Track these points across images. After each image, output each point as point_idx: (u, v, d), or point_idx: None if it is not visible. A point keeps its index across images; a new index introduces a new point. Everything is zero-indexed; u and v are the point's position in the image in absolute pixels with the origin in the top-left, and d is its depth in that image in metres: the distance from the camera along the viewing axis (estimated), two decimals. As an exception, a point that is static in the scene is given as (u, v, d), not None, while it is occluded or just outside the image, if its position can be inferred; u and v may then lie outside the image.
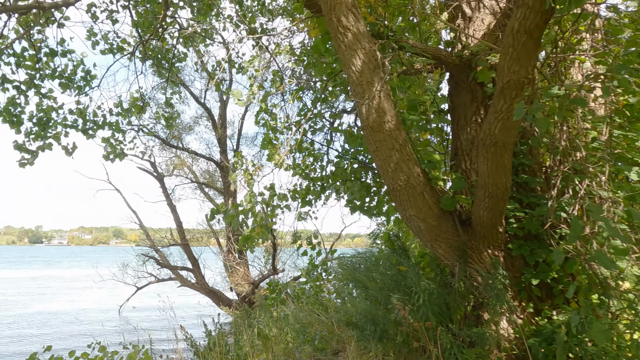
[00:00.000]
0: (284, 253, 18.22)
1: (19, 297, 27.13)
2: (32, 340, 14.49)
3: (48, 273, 47.91)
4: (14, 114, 4.71)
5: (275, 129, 4.92)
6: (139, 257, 18.57)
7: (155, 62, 5.86)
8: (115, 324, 17.88)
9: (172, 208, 17.20)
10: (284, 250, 18.14)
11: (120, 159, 5.84)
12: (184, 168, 20.12)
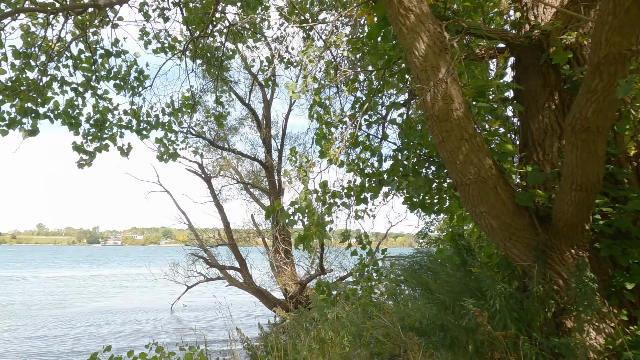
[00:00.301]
0: (329, 253, 18.06)
1: (77, 295, 28.66)
2: (90, 338, 15.12)
3: (104, 272, 50.50)
4: (72, 116, 4.78)
5: (329, 123, 4.70)
6: (189, 256, 19.04)
7: (204, 61, 5.82)
8: (168, 322, 18.40)
9: (220, 208, 17.47)
10: (329, 250, 17.98)
11: (173, 159, 5.83)
12: (229, 169, 20.40)
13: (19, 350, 12.46)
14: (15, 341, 13.90)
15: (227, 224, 17.54)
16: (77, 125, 4.87)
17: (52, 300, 24.74)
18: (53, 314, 20.23)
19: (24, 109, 4.32)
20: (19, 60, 4.28)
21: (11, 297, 26.35)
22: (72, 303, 24.02)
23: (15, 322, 18.27)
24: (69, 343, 13.57)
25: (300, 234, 4.22)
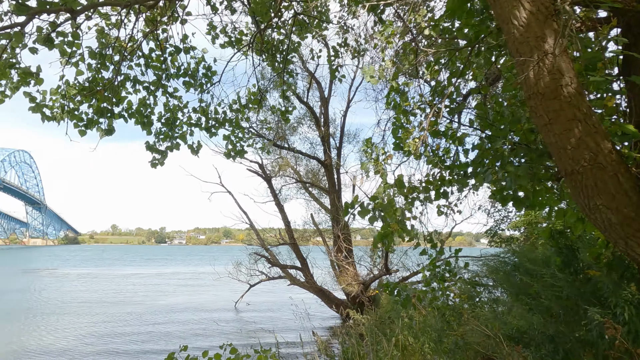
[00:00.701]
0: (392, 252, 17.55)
1: (147, 292, 30.21)
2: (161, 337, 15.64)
3: (171, 270, 53.12)
4: (145, 115, 4.78)
5: (406, 112, 4.31)
6: (251, 256, 19.35)
7: (269, 55, 5.65)
8: (233, 321, 18.76)
9: (280, 208, 17.54)
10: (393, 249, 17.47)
11: (240, 157, 5.73)
12: (287, 168, 20.47)
13: (92, 348, 13.08)
14: (91, 338, 14.70)
15: (288, 223, 17.58)
16: (150, 125, 4.88)
17: (123, 298, 26.25)
18: (125, 311, 21.37)
19: (100, 109, 4.37)
20: (94, 60, 4.35)
21: (87, 294, 28.31)
22: (142, 300, 25.32)
23: (90, 318, 19.48)
24: (141, 342, 14.10)
25: (380, 232, 3.88)
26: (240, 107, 5.58)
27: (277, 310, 21.58)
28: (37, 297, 25.82)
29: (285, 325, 17.20)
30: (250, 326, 17.09)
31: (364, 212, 3.80)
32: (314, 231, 19.27)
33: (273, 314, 20.28)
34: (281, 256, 19.54)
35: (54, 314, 19.63)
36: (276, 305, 22.93)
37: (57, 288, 31.29)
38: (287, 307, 22.48)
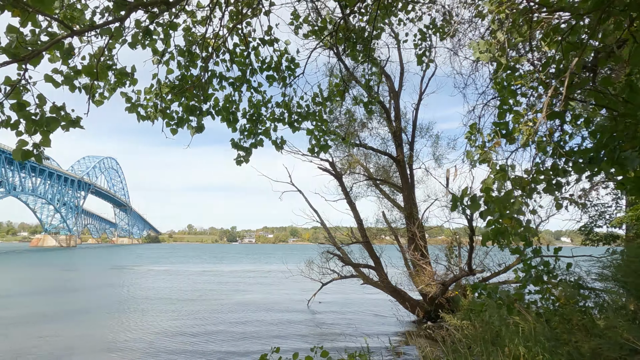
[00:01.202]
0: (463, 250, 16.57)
1: (221, 288, 31.40)
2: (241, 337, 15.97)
3: (243, 268, 55.05)
4: (231, 112, 4.71)
5: (514, 92, 3.79)
6: (323, 254, 19.31)
7: (350, 43, 5.36)
8: (310, 321, 18.78)
9: (352, 206, 17.26)
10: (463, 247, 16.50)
11: (324, 151, 5.50)
12: (357, 166, 20.12)
13: (172, 347, 13.47)
14: (175, 336, 15.32)
15: (360, 221, 17.25)
16: (235, 122, 4.80)
17: (200, 295, 27.45)
18: (203, 308, 22.28)
19: (189, 107, 4.36)
20: (183, 58, 4.35)
21: (168, 290, 30.01)
22: (218, 297, 26.31)
23: (171, 315, 20.49)
24: (221, 341, 14.34)
25: (494, 228, 3.42)
26: (322, 100, 5.35)
27: (350, 309, 21.34)
28: (124, 292, 27.89)
29: (362, 326, 16.87)
30: (327, 327, 16.96)
31: (474, 205, 3.37)
32: (386, 229, 18.76)
33: (347, 314, 20.06)
34: (353, 255, 19.28)
35: (138, 310, 20.99)
36: (349, 305, 22.72)
37: (141, 284, 33.66)
38: (361, 306, 22.22)
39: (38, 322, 17.22)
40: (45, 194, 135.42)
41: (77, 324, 17.03)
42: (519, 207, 3.34)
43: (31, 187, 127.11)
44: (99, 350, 12.96)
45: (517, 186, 3.45)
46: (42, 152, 2.82)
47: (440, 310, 15.49)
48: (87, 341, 14.16)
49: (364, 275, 18.24)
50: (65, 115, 2.97)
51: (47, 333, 15.19)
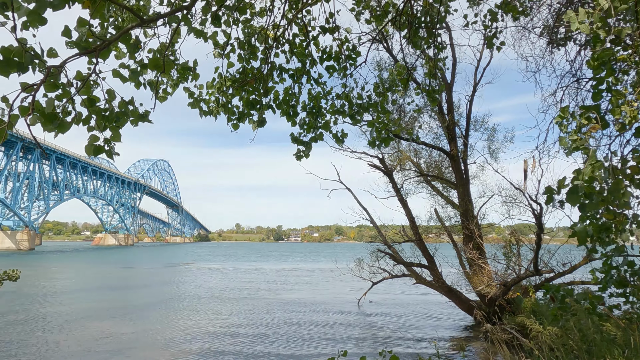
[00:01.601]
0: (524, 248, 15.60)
1: (269, 286, 31.74)
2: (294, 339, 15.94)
3: (290, 266, 55.56)
4: (291, 105, 4.54)
5: (612, 70, 3.33)
6: (373, 253, 18.95)
7: (412, 29, 5.04)
8: (363, 322, 18.50)
9: (403, 203, 16.78)
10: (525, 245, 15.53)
11: (385, 145, 5.22)
12: (407, 162, 19.56)
13: (227, 349, 13.45)
14: (222, 336, 15.44)
15: (412, 219, 16.73)
16: (295, 115, 4.64)
17: (249, 293, 27.86)
18: (253, 306, 22.55)
19: (250, 101, 4.24)
20: (243, 51, 4.25)
21: (219, 288, 30.72)
22: (267, 295, 26.58)
23: (223, 313, 20.87)
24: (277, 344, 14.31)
25: (593, 225, 3.00)
26: (384, 90, 5.07)
27: (402, 310, 20.82)
28: (178, 290, 28.88)
29: (416, 328, 16.34)
30: (381, 329, 16.60)
31: (573, 198, 2.97)
32: (439, 227, 18.10)
33: (399, 314, 19.57)
34: (404, 253, 18.78)
35: (192, 307, 21.59)
36: (401, 305, 22.19)
37: (194, 281, 34.77)
38: (413, 307, 21.63)
39: (101, 318, 18.13)
40: (105, 195, 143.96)
41: (136, 320, 17.75)
42: (628, 199, 2.90)
43: (92, 189, 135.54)
44: (158, 348, 13.38)
45: (621, 176, 3.01)
46: (113, 147, 2.78)
47: (500, 312, 14.70)
48: (146, 338, 14.68)
49: (417, 274, 17.70)
50: (133, 110, 2.92)
51: (110, 328, 15.93)
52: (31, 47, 2.38)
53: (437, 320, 18.01)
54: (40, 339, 14.18)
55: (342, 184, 18.79)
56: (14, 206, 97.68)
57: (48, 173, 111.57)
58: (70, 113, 2.71)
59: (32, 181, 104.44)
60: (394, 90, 5.17)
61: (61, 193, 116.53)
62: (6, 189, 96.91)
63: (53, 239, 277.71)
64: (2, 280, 6.28)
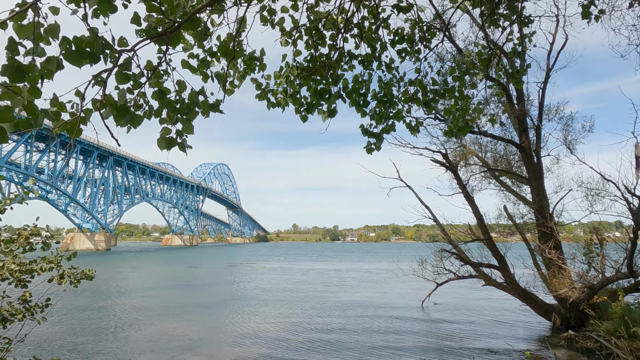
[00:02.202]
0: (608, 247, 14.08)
1: (327, 287, 31.57)
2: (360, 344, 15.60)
3: (348, 266, 55.22)
4: (361, 94, 4.23)
5: None
6: (439, 252, 18.13)
7: (492, 4, 4.53)
8: (429, 327, 17.78)
9: (470, 200, 15.87)
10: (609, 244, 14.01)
11: (464, 134, 4.76)
12: (471, 156, 18.52)
13: (288, 356, 13.36)
14: (286, 338, 15.43)
15: (480, 217, 15.76)
16: (365, 104, 4.32)
17: (308, 294, 27.85)
18: (313, 306, 22.46)
19: (318, 91, 3.99)
20: (310, 38, 4.01)
21: (281, 287, 31.04)
22: (327, 295, 26.44)
23: (282, 313, 20.92)
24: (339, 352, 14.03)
25: None
26: (460, 74, 4.61)
27: (471, 313, 19.75)
28: (240, 288, 29.58)
29: (489, 334, 15.33)
30: (448, 335, 15.79)
31: None
32: (509, 226, 16.92)
33: (468, 318, 18.57)
34: (470, 253, 17.79)
35: (254, 306, 21.94)
36: (469, 308, 21.09)
37: (255, 280, 35.50)
38: (483, 310, 20.44)
39: (169, 315, 18.91)
40: (171, 198, 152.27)
41: (202, 318, 18.30)
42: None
43: (160, 193, 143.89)
44: (224, 347, 13.62)
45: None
46: (185, 140, 2.63)
47: (582, 316, 13.41)
48: (212, 336, 15.04)
49: (486, 276, 16.68)
50: (204, 101, 2.77)
51: (177, 326, 16.53)
52: (102, 37, 2.28)
53: (510, 325, 16.84)
54: (113, 334, 15.01)
55: (402, 181, 18.20)
56: (92, 210, 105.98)
57: (120, 179, 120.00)
58: (142, 106, 2.60)
59: (107, 187, 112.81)
60: (472, 74, 4.69)
61: (132, 197, 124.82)
62: (85, 195, 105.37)
63: (126, 240, 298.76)
64: (80, 279, 6.52)
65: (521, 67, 4.58)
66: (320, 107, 4.03)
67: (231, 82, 3.68)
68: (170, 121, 2.59)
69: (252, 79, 3.85)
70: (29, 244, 5.81)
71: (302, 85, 3.98)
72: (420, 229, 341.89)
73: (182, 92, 2.67)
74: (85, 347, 13.11)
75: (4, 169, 77.18)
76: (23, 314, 5.60)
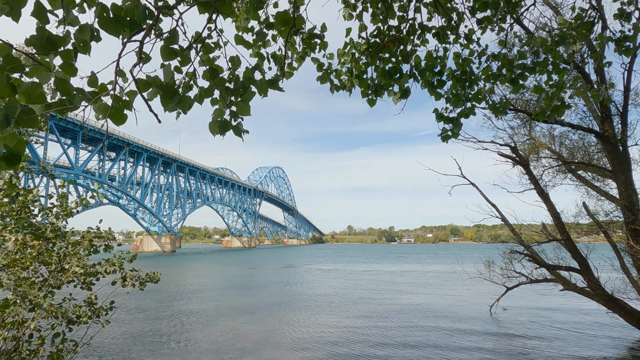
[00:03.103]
0: None
1: (387, 289, 30.63)
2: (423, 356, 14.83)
3: (408, 268, 53.65)
4: (436, 72, 3.67)
5: None
6: (510, 254, 16.83)
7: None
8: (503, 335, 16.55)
9: (544, 197, 14.50)
10: None
11: (559, 115, 4.05)
12: (541, 150, 16.99)
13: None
14: (343, 344, 14.91)
15: (557, 215, 14.34)
16: (441, 85, 3.75)
17: (366, 296, 27.12)
18: (372, 309, 21.76)
19: (387, 71, 3.50)
20: (377, 9, 3.52)
21: (335, 291, 30.58)
22: (386, 297, 25.61)
23: (341, 316, 20.40)
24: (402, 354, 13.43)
25: None
26: (552, 43, 3.90)
27: (547, 321, 18.16)
28: (298, 290, 29.50)
29: (571, 349, 13.87)
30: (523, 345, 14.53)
31: None
32: (590, 225, 15.26)
33: (544, 326, 17.06)
34: (545, 255, 16.30)
35: (312, 309, 21.64)
36: (544, 315, 19.42)
37: (312, 282, 35.34)
38: (561, 318, 18.72)
39: (231, 316, 19.11)
40: (230, 202, 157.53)
41: (263, 319, 18.30)
42: None
43: (219, 197, 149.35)
44: (285, 349, 13.40)
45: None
46: (241, 123, 2.26)
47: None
48: (273, 338, 14.90)
49: (564, 279, 15.18)
50: (262, 79, 2.39)
51: (239, 327, 16.61)
52: (144, 5, 1.96)
53: (593, 336, 15.21)
54: (177, 334, 15.33)
55: (466, 178, 17.10)
56: (159, 214, 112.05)
57: (183, 184, 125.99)
58: (192, 87, 2.25)
59: (171, 192, 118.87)
60: (567, 44, 3.96)
61: (194, 201, 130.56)
62: (152, 199, 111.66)
63: (189, 242, 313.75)
64: (145, 282, 6.46)
65: (635, 30, 3.79)
66: (390, 88, 3.52)
67: (289, 65, 3.30)
68: (223, 102, 2.23)
69: (312, 58, 3.43)
70: (92, 246, 5.81)
71: (368, 64, 3.50)
72: (481, 229, 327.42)
73: (235, 69, 2.31)
74: (148, 347, 13.46)
75: (81, 177, 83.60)
76: (88, 317, 5.59)
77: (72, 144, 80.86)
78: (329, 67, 3.56)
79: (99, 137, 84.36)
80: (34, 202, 5.79)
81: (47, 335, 5.19)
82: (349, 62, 3.50)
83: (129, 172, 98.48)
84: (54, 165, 75.82)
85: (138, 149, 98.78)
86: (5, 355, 5.17)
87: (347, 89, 3.55)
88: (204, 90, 2.19)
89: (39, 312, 5.15)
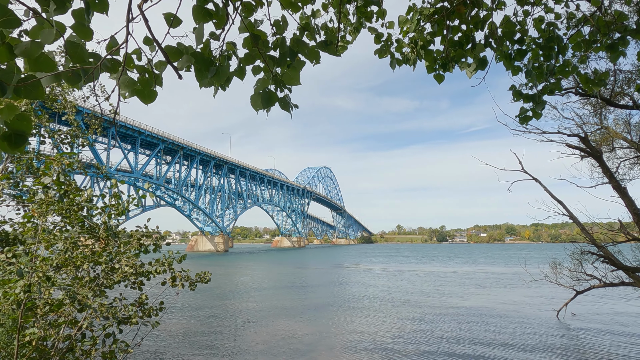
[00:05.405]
0: None
1: (441, 291, 29.36)
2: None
3: (462, 269, 51.54)
4: (516, 40, 3.10)
5: None
6: (577, 256, 15.43)
7: None
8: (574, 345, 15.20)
9: (621, 192, 13.07)
10: None
11: None
12: (614, 140, 15.40)
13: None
14: (395, 350, 14.23)
15: (637, 211, 12.87)
16: (521, 56, 3.16)
17: (418, 298, 26.11)
18: (426, 313, 20.84)
19: (457, 41, 2.98)
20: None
21: (386, 292, 29.75)
22: (440, 300, 24.53)
23: (394, 319, 19.65)
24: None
25: None
26: None
27: (626, 330, 16.46)
28: (347, 291, 29.01)
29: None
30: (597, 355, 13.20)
31: None
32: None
33: (620, 335, 15.47)
34: (621, 256, 14.75)
35: (363, 310, 21.09)
36: (621, 323, 17.65)
37: (362, 282, 34.70)
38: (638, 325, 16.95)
39: (283, 316, 19.02)
40: (279, 202, 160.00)
41: (313, 320, 18.03)
42: None
43: (269, 197, 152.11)
44: (336, 352, 13.01)
45: None
46: (288, 95, 1.88)
47: None
48: (324, 340, 14.57)
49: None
50: (311, 44, 2.00)
51: (290, 327, 16.44)
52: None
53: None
54: (229, 334, 15.39)
55: (527, 173, 15.83)
56: (212, 214, 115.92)
57: (234, 185, 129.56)
58: (230, 57, 1.90)
59: (223, 193, 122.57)
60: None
61: (245, 202, 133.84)
62: (205, 201, 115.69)
63: (241, 242, 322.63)
64: (196, 282, 6.30)
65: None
66: (463, 60, 3.01)
67: (342, 38, 2.89)
68: (268, 70, 1.86)
69: (370, 28, 2.99)
70: (142, 246, 5.72)
71: (435, 34, 3.01)
72: (539, 228, 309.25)
73: (282, 32, 1.93)
74: (199, 346, 13.56)
75: (140, 180, 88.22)
76: (139, 317, 5.48)
77: (131, 149, 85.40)
78: (388, 38, 3.10)
79: (156, 142, 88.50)
80: (88, 201, 5.79)
81: (98, 336, 5.13)
82: (412, 30, 3.02)
83: (184, 175, 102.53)
84: (117, 170, 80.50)
85: (192, 152, 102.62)
86: (59, 354, 5.13)
87: (410, 62, 3.07)
88: (243, 58, 1.83)
89: (91, 312, 5.09)
